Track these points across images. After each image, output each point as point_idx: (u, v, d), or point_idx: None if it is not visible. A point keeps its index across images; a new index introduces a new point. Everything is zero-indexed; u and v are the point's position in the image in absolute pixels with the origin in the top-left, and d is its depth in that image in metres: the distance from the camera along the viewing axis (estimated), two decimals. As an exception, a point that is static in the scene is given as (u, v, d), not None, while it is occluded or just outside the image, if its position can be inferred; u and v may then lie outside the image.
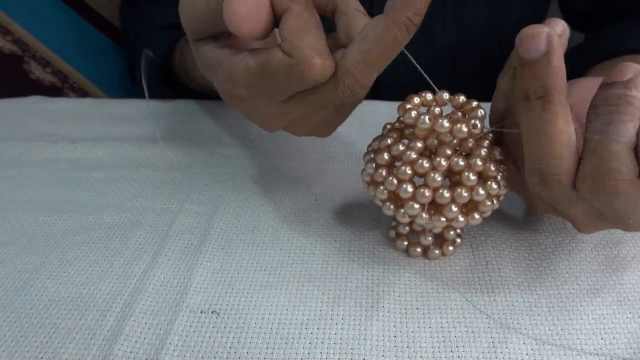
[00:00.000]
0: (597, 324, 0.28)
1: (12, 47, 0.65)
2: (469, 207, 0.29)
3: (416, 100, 0.29)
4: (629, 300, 0.29)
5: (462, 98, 0.29)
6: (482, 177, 0.28)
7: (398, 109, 0.29)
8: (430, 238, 0.32)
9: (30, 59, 0.66)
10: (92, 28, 0.67)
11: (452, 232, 0.32)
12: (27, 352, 0.28)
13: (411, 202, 0.28)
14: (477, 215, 0.28)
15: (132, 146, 0.44)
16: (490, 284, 0.30)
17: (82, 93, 0.70)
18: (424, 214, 0.28)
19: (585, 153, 0.25)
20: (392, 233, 0.33)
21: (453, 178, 0.29)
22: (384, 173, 0.29)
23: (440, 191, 0.27)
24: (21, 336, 0.29)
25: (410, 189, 0.28)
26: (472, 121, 0.28)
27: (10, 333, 0.29)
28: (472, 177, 0.27)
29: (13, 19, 0.64)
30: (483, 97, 0.43)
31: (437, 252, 0.32)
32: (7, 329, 0.29)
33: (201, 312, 0.30)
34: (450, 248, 0.32)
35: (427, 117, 0.28)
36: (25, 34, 0.65)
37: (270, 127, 0.31)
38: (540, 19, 0.56)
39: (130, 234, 0.35)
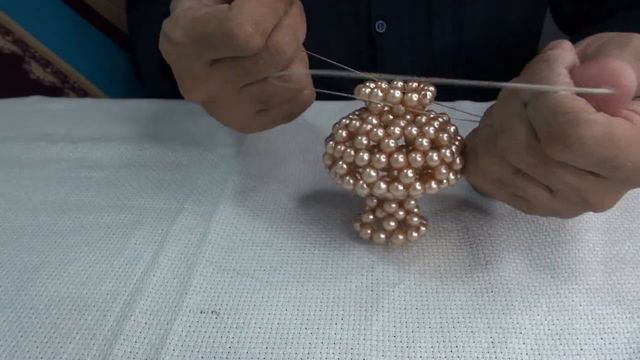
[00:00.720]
0: (597, 324, 0.28)
1: (12, 47, 0.66)
2: (426, 177, 0.30)
3: (372, 85, 0.31)
4: (627, 300, 0.29)
5: (414, 84, 0.31)
6: (436, 146, 0.29)
7: (354, 92, 0.30)
8: (393, 223, 0.32)
9: (30, 59, 0.66)
10: (92, 28, 0.67)
11: (415, 219, 0.32)
12: (27, 352, 0.28)
13: (368, 169, 0.29)
14: (434, 184, 0.29)
15: (132, 146, 0.44)
16: (490, 283, 0.30)
17: (82, 93, 0.70)
18: (381, 184, 0.29)
19: (536, 125, 0.25)
20: (357, 225, 0.33)
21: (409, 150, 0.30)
22: (342, 148, 0.30)
23: (395, 156, 0.29)
24: (21, 336, 0.29)
25: (366, 156, 0.29)
26: (422, 92, 0.29)
27: (10, 333, 0.29)
28: (425, 142, 0.29)
29: (13, 19, 0.64)
30: (483, 96, 0.43)
31: (400, 237, 0.32)
32: (7, 329, 0.29)
33: (201, 312, 0.30)
34: (415, 234, 0.32)
35: (379, 91, 0.29)
36: (26, 34, 0.65)
37: (191, 91, 0.32)
38: (540, 19, 0.57)
39: (130, 234, 0.35)
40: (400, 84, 0.31)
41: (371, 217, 0.33)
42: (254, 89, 0.31)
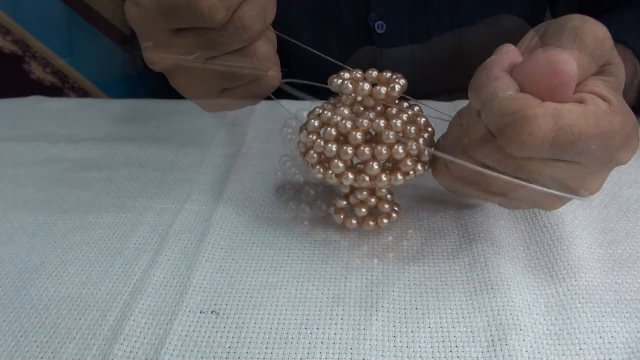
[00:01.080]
0: (596, 322, 0.28)
1: (12, 47, 0.66)
2: (392, 168, 0.30)
3: (346, 75, 0.31)
4: (625, 299, 0.29)
5: (387, 74, 0.31)
6: (404, 138, 0.30)
7: (328, 82, 0.31)
8: (364, 210, 0.33)
9: (30, 59, 0.66)
10: (92, 28, 0.67)
11: (386, 206, 0.33)
12: (27, 352, 0.28)
13: (336, 161, 0.30)
14: (399, 176, 0.30)
15: (132, 146, 0.44)
16: (490, 280, 0.30)
17: (82, 93, 0.70)
18: (349, 174, 0.30)
19: (491, 129, 0.25)
20: (332, 210, 0.34)
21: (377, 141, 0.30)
22: (313, 138, 0.30)
23: (361, 148, 0.29)
24: (21, 336, 0.29)
25: (334, 148, 0.30)
26: (391, 85, 0.30)
27: (10, 333, 0.29)
28: (391, 136, 0.29)
29: (13, 19, 0.64)
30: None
31: (371, 223, 0.33)
32: (7, 329, 0.29)
33: (200, 312, 0.30)
34: (385, 221, 0.33)
35: (349, 82, 0.30)
36: (26, 34, 0.65)
37: (156, 59, 0.32)
38: (540, 19, 0.57)
39: (130, 233, 0.35)
40: (374, 73, 0.31)
41: (345, 202, 0.33)
42: (218, 64, 0.31)
